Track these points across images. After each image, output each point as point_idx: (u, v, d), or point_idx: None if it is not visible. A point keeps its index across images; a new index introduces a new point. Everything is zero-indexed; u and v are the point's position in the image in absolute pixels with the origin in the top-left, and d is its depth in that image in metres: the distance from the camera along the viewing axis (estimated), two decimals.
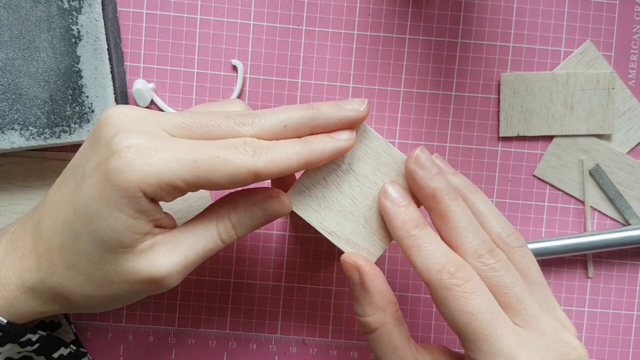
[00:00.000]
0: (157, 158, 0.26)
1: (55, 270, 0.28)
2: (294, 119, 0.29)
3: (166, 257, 0.28)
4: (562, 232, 0.40)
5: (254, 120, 0.28)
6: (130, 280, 0.28)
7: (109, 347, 0.40)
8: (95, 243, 0.27)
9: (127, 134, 0.27)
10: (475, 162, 0.40)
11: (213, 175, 0.27)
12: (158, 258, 0.28)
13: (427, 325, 0.40)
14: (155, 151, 0.26)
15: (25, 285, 0.29)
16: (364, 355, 0.40)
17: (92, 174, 0.27)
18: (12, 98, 0.35)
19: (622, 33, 0.40)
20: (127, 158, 0.26)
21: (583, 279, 0.40)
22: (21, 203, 0.39)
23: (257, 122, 0.28)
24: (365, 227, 0.31)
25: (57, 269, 0.28)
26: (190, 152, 0.27)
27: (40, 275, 0.29)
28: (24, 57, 0.35)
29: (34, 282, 0.29)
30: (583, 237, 0.39)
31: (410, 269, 0.40)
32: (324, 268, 0.40)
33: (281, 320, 0.40)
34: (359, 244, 0.31)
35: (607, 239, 0.38)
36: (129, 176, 0.26)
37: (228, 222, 0.29)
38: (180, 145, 0.27)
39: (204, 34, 0.39)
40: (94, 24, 0.36)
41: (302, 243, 0.40)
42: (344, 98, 0.39)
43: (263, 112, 0.29)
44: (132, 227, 0.27)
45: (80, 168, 0.28)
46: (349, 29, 0.39)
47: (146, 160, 0.26)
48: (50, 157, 0.39)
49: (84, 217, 0.27)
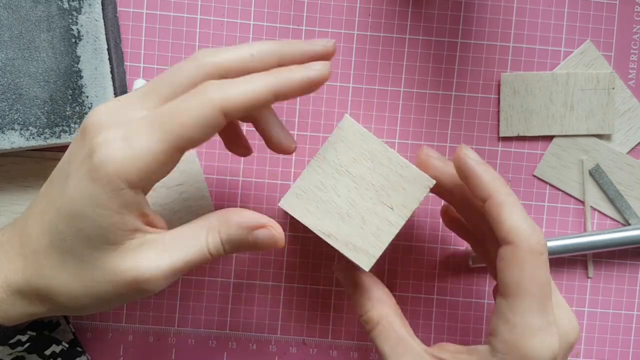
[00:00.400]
0: (133, 142, 0.26)
1: (41, 272, 0.28)
2: (262, 49, 0.28)
3: (152, 260, 0.27)
4: (562, 232, 0.40)
5: (217, 52, 0.28)
6: (114, 280, 0.27)
7: (109, 347, 0.40)
8: (81, 242, 0.27)
9: (103, 130, 0.26)
10: None
11: (185, 130, 0.26)
12: (144, 259, 0.27)
13: (427, 325, 0.40)
14: (129, 137, 0.26)
15: (11, 287, 0.29)
16: (364, 355, 0.40)
17: (74, 173, 0.27)
18: (12, 98, 0.35)
19: (622, 33, 0.40)
20: (105, 152, 0.26)
21: (583, 279, 0.40)
22: (21, 203, 0.39)
23: (221, 54, 0.28)
24: (363, 229, 0.31)
25: (44, 270, 0.28)
26: (158, 119, 0.26)
27: (27, 277, 0.28)
28: (24, 57, 0.35)
29: (19, 283, 0.28)
30: (583, 237, 0.39)
31: (410, 268, 0.40)
32: (324, 268, 0.40)
33: (281, 321, 0.40)
34: (357, 246, 0.31)
35: (607, 239, 0.38)
36: (110, 168, 0.26)
37: (217, 237, 0.29)
38: (149, 120, 0.26)
39: (204, 34, 0.39)
40: (93, 24, 0.35)
41: (302, 243, 0.40)
42: (344, 98, 0.40)
43: (227, 47, 0.28)
44: (118, 222, 0.26)
45: (65, 169, 0.28)
46: (349, 29, 0.39)
47: (123, 149, 0.26)
48: (50, 157, 0.39)
49: (69, 217, 0.27)
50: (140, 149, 0.26)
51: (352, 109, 0.39)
